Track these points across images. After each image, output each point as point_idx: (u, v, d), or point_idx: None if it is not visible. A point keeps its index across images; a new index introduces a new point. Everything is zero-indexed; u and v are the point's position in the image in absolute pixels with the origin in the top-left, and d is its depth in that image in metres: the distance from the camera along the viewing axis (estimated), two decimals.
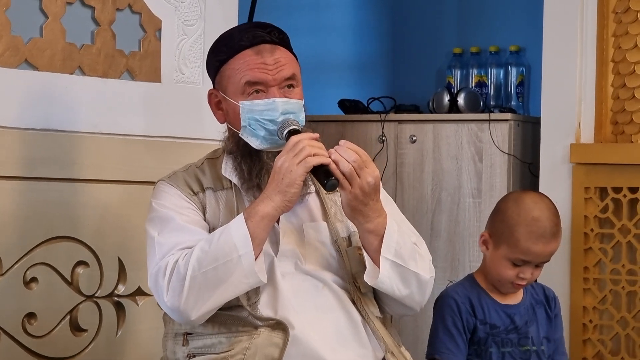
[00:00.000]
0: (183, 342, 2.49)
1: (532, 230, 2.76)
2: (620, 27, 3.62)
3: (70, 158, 3.05)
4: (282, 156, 2.39)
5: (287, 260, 2.49)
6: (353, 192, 2.39)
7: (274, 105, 2.47)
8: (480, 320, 2.82)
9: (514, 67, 4.44)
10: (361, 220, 2.45)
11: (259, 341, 2.40)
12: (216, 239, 2.39)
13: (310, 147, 2.38)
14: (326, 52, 4.95)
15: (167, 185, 2.55)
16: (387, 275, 2.46)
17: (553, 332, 2.90)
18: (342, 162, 2.38)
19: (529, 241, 2.76)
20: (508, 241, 2.78)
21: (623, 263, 3.58)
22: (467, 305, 2.82)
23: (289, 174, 2.37)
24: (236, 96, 2.50)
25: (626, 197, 3.57)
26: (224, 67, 2.53)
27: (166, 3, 3.28)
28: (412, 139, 4.22)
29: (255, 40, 2.51)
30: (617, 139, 3.63)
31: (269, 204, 2.39)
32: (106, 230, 3.12)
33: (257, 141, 2.49)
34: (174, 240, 2.44)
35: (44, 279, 3.01)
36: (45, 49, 3.03)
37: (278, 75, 2.49)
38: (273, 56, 2.50)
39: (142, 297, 3.18)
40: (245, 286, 2.39)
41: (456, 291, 2.84)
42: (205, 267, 2.37)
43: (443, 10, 4.74)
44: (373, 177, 2.40)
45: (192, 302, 2.37)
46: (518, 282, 2.81)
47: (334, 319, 2.46)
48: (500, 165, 4.03)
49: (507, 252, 2.79)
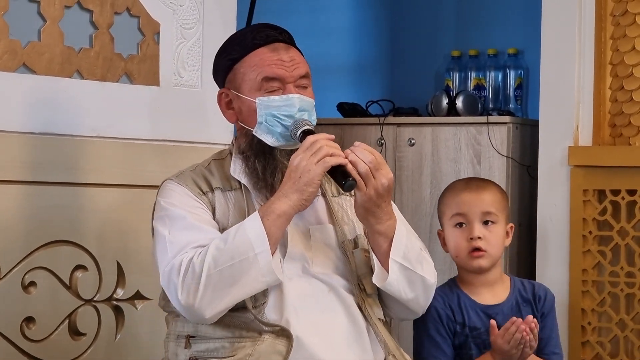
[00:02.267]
0: (185, 345, 2.48)
1: (456, 187, 2.87)
2: (618, 29, 3.62)
3: (69, 162, 3.05)
4: (298, 155, 2.40)
5: (294, 263, 2.49)
6: (367, 193, 2.40)
7: (291, 101, 2.48)
8: (459, 324, 2.81)
9: (512, 69, 4.44)
10: (372, 221, 2.46)
11: (262, 348, 2.40)
12: (232, 237, 2.38)
13: (328, 147, 2.39)
14: (324, 55, 4.94)
15: (175, 184, 2.54)
16: (395, 278, 2.47)
17: (541, 331, 2.81)
18: (358, 162, 2.39)
19: (456, 196, 2.83)
20: (444, 211, 2.84)
21: (621, 265, 3.58)
22: (448, 311, 2.81)
23: (307, 172, 2.38)
24: (252, 93, 2.51)
25: (624, 200, 3.57)
26: (238, 65, 2.53)
27: (164, 6, 3.28)
28: (411, 142, 4.22)
29: (269, 39, 2.53)
30: (615, 141, 3.63)
31: (286, 202, 2.39)
32: (105, 234, 3.12)
33: (273, 138, 2.50)
34: (186, 238, 2.43)
35: (43, 283, 3.01)
36: (43, 52, 3.03)
37: (295, 72, 2.51)
38: (288, 54, 2.52)
39: (141, 301, 3.18)
40: (262, 284, 2.39)
41: (436, 298, 2.77)
42: (221, 265, 2.36)
43: (441, 13, 4.74)
44: (387, 179, 2.41)
45: (207, 300, 2.36)
46: (473, 244, 2.79)
47: (338, 324, 2.47)
48: (499, 168, 4.03)
49: (447, 222, 2.83)
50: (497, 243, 2.82)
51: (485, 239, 2.80)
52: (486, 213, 2.80)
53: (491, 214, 2.81)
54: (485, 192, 2.83)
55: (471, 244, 2.79)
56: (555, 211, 3.68)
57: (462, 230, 2.81)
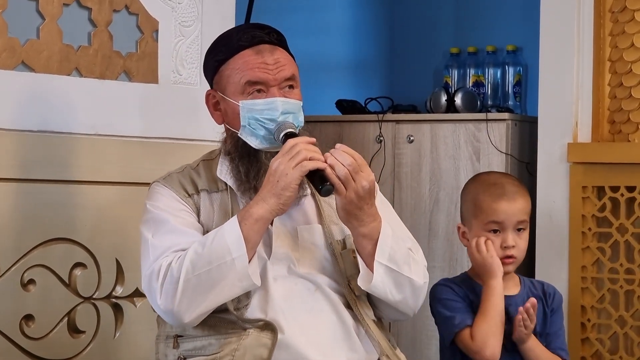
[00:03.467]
0: (174, 345, 2.49)
1: (492, 192, 2.82)
2: (617, 26, 3.62)
3: (67, 160, 3.05)
4: (277, 158, 2.39)
5: (280, 264, 2.49)
6: (348, 196, 2.39)
7: (274, 104, 2.47)
8: (476, 306, 2.81)
9: (511, 66, 4.44)
10: (355, 224, 2.44)
11: (248, 342, 2.40)
12: (210, 242, 2.38)
13: (306, 151, 2.37)
14: (323, 53, 4.94)
15: (162, 186, 2.55)
16: (380, 280, 2.45)
17: (548, 327, 2.88)
18: (337, 165, 2.37)
19: (492, 203, 2.80)
20: (476, 214, 2.82)
21: (621, 262, 3.58)
22: (463, 290, 2.82)
23: (285, 177, 2.37)
24: (236, 96, 2.50)
25: (624, 196, 3.57)
26: (223, 67, 2.53)
27: (163, 4, 3.28)
28: (410, 139, 4.22)
29: (255, 41, 2.51)
30: (614, 138, 3.63)
31: (263, 207, 2.39)
32: (103, 232, 3.12)
33: (257, 141, 2.49)
34: (168, 242, 2.44)
35: (41, 281, 3.01)
36: (42, 50, 3.02)
37: (278, 75, 2.49)
38: (273, 56, 2.50)
39: (140, 299, 3.18)
40: (238, 289, 2.39)
41: (449, 280, 2.85)
42: (198, 269, 2.36)
43: (440, 10, 4.74)
44: (368, 182, 2.39)
45: (185, 304, 2.37)
46: (506, 253, 2.81)
47: (325, 323, 2.46)
48: (498, 165, 4.03)
49: (479, 226, 2.81)
50: (525, 248, 2.87)
51: (517, 246, 2.83)
52: (520, 222, 2.83)
53: (524, 221, 2.84)
54: (520, 200, 2.84)
55: (504, 252, 2.81)
56: (554, 208, 3.68)
57: (495, 236, 2.82)
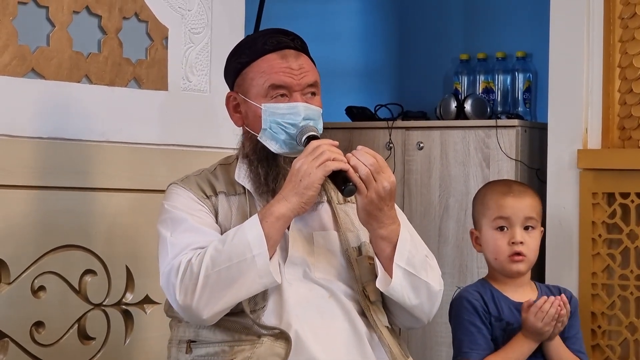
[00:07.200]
0: (186, 350, 2.49)
1: (498, 190, 2.90)
2: (627, 32, 3.62)
3: (78, 167, 3.06)
4: (300, 159, 2.41)
5: (295, 268, 2.49)
6: (369, 196, 2.40)
7: (296, 109, 2.49)
8: (495, 317, 2.83)
9: (521, 73, 4.44)
10: (375, 225, 2.45)
11: (261, 350, 2.40)
12: (230, 239, 2.39)
13: (330, 152, 2.40)
14: (333, 60, 4.94)
15: (180, 187, 2.55)
16: (399, 283, 2.46)
17: (567, 330, 2.90)
18: (359, 165, 2.39)
19: (499, 200, 2.86)
20: (484, 212, 2.87)
21: (631, 268, 3.57)
22: (481, 302, 2.84)
23: (308, 176, 2.38)
24: (258, 99, 2.51)
25: (634, 203, 3.56)
26: (247, 70, 2.54)
27: (173, 11, 3.29)
28: (420, 146, 4.22)
29: (280, 45, 2.53)
30: (624, 144, 3.63)
31: (285, 205, 2.40)
32: (114, 239, 3.12)
33: (276, 145, 2.50)
34: (187, 240, 2.44)
35: (52, 288, 3.01)
36: (52, 57, 3.03)
37: (302, 81, 2.51)
38: (298, 62, 2.52)
39: (150, 306, 3.19)
40: (259, 286, 2.39)
41: (468, 291, 2.88)
42: (218, 266, 2.37)
43: (449, 16, 4.74)
44: (389, 182, 2.41)
45: (204, 301, 2.37)
46: (514, 249, 2.83)
47: (338, 329, 2.46)
48: (508, 171, 4.02)
49: (488, 224, 2.86)
50: (535, 248, 2.89)
51: (526, 243, 2.86)
52: (528, 218, 2.87)
53: (532, 219, 2.87)
54: (527, 197, 2.88)
55: (512, 248, 2.84)
56: (564, 214, 3.68)
57: (503, 233, 2.85)
